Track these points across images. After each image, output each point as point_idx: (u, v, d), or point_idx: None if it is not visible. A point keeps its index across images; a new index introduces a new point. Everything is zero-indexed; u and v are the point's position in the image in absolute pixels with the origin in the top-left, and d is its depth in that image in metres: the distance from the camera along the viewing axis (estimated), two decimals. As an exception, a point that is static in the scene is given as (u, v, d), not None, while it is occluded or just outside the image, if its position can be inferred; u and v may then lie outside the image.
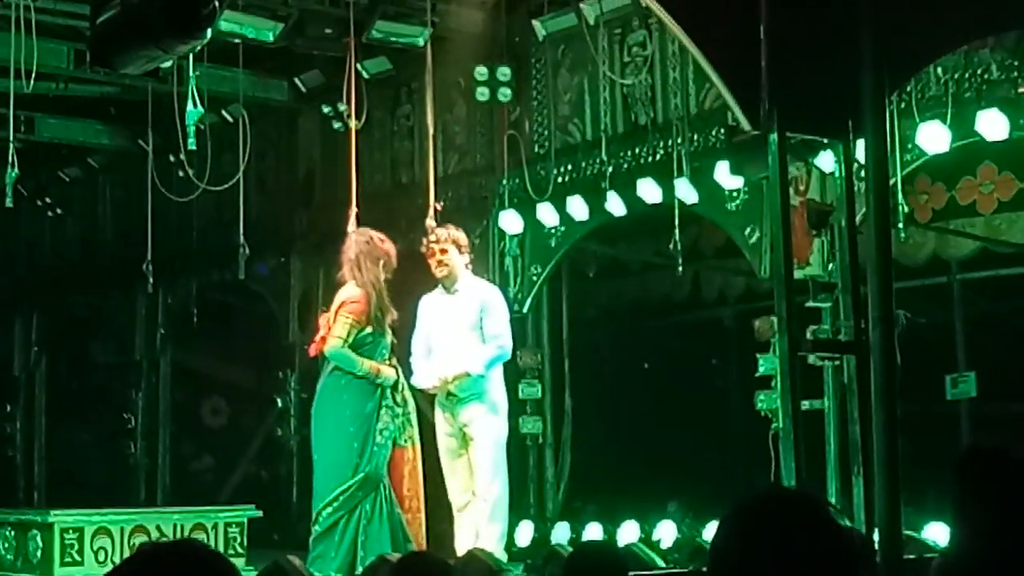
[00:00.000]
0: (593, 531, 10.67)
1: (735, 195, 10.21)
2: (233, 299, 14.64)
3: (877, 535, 6.61)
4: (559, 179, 11.24)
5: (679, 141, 10.49)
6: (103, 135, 14.64)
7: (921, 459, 7.14)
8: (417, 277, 9.18)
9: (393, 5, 11.07)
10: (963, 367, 10.76)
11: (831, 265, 9.70)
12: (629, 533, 10.42)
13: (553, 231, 11.39)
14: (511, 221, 11.46)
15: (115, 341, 16.01)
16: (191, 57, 9.31)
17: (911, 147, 9.41)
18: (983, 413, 10.71)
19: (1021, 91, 9.06)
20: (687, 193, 10.34)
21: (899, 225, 9.11)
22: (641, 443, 12.26)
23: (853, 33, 6.72)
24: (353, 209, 9.74)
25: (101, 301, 15.84)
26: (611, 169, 10.86)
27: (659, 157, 10.69)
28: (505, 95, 11.48)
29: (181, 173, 11.41)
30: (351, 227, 9.42)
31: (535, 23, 11.44)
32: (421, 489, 8.86)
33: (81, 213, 16.13)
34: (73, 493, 14.28)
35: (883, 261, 6.76)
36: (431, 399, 9.09)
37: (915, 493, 7.55)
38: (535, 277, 11.54)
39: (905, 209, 9.49)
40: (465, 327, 8.89)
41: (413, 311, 9.14)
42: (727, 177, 9.97)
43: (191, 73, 9.59)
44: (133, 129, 13.62)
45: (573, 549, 7.71)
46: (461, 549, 8.62)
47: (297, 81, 13.11)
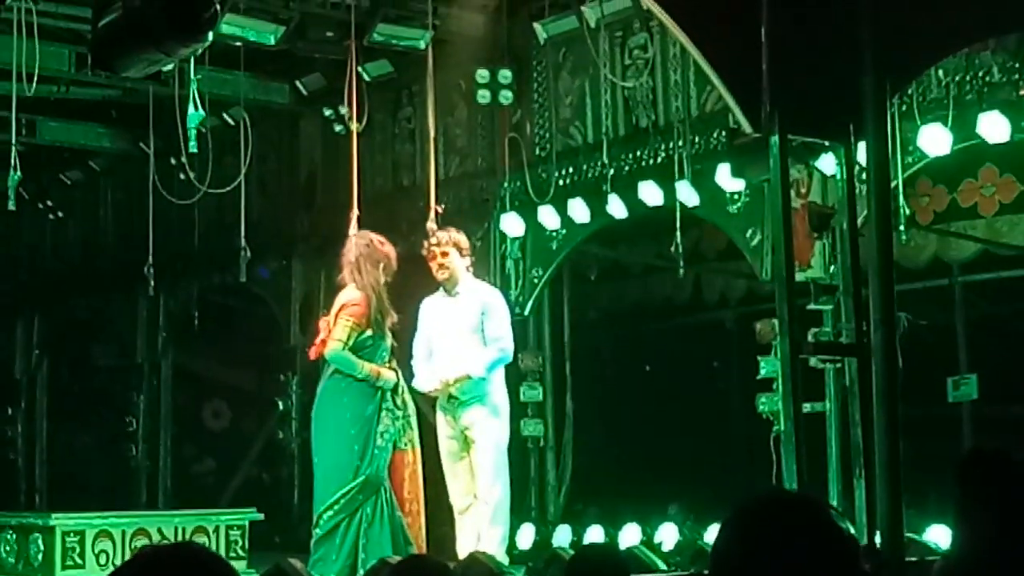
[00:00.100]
0: (594, 534, 10.65)
1: (736, 198, 10.20)
2: (234, 302, 14.63)
3: (879, 537, 6.62)
4: (560, 182, 11.23)
5: (680, 144, 10.48)
6: (104, 138, 14.63)
7: (922, 461, 7.15)
8: (418, 280, 9.18)
9: (394, 8, 11.07)
10: (964, 369, 10.75)
11: (832, 267, 9.69)
12: (630, 536, 10.40)
13: (554, 234, 11.38)
14: (512, 224, 11.45)
15: (116, 344, 16.01)
16: (192, 60, 9.31)
17: (912, 149, 9.40)
18: (984, 415, 10.69)
19: (1022, 93, 9.04)
20: (688, 196, 10.33)
21: (900, 227, 9.09)
22: (642, 446, 12.25)
23: (854, 35, 6.73)
24: (354, 212, 9.72)
25: (102, 304, 15.84)
26: (612, 172, 10.85)
27: (660, 160, 10.68)
28: (506, 98, 11.48)
29: (182, 176, 11.40)
30: (352, 230, 9.42)
31: (536, 26, 11.43)
32: (421, 492, 8.85)
33: (82, 216, 16.14)
34: (74, 496, 14.28)
35: (884, 263, 6.77)
36: (432, 402, 9.07)
37: (917, 495, 7.54)
38: (536, 280, 11.53)
39: (906, 211, 9.48)
40: (466, 330, 8.88)
41: (414, 314, 9.13)
42: (728, 180, 9.95)
43: (192, 76, 9.59)
44: (134, 132, 13.61)
45: (575, 552, 7.73)
46: (462, 552, 8.61)
47: (298, 84, 13.10)
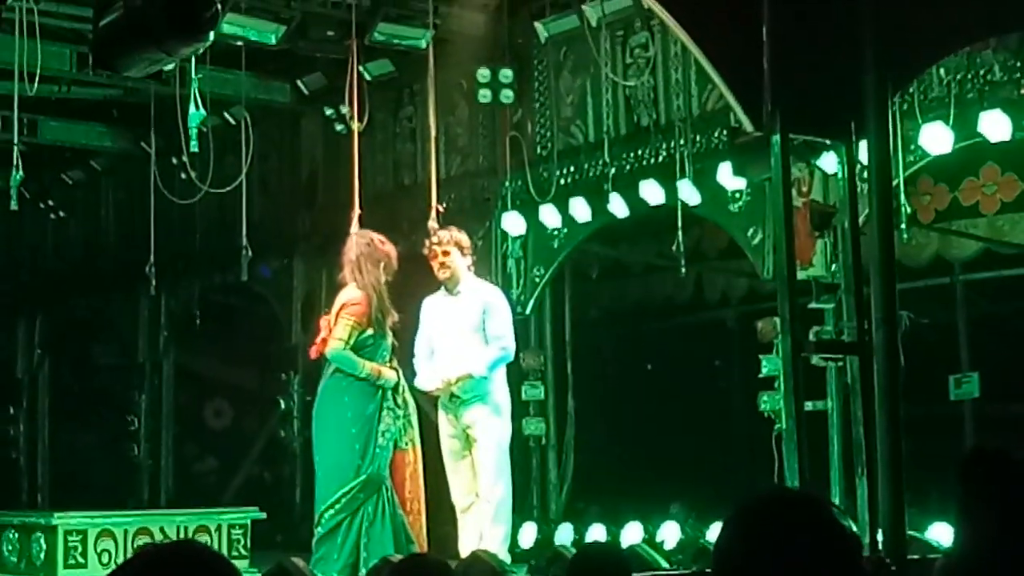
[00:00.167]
0: (597, 532, 10.65)
1: (738, 196, 10.20)
2: (236, 301, 14.63)
3: (881, 535, 6.62)
4: (561, 181, 11.23)
5: (681, 143, 10.48)
6: (106, 138, 14.63)
7: (924, 460, 7.16)
8: (419, 279, 9.17)
9: (395, 7, 11.07)
10: (966, 368, 10.74)
11: (834, 266, 9.69)
12: (633, 534, 10.40)
13: (556, 233, 11.38)
14: (513, 223, 11.45)
15: (118, 343, 16.01)
16: (193, 59, 9.31)
17: (914, 148, 9.40)
18: (986, 414, 10.69)
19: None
20: (690, 195, 10.33)
21: (902, 226, 9.08)
22: (644, 444, 12.25)
23: (855, 34, 6.73)
24: (356, 211, 9.73)
25: (104, 303, 15.84)
26: (613, 171, 10.86)
27: (661, 159, 10.68)
28: (507, 97, 11.48)
29: (184, 175, 11.40)
30: (354, 229, 9.41)
31: (537, 25, 11.43)
32: (422, 491, 8.85)
33: (84, 216, 16.13)
34: (76, 495, 14.28)
35: (886, 262, 6.78)
36: (434, 401, 9.07)
37: (918, 494, 7.55)
38: (538, 279, 11.53)
39: (908, 210, 9.47)
40: (468, 329, 8.88)
41: (415, 313, 9.13)
42: (730, 178, 9.96)
43: (194, 75, 9.59)
44: (136, 131, 13.61)
45: (577, 550, 7.72)
46: (464, 551, 8.61)
47: (299, 83, 13.10)
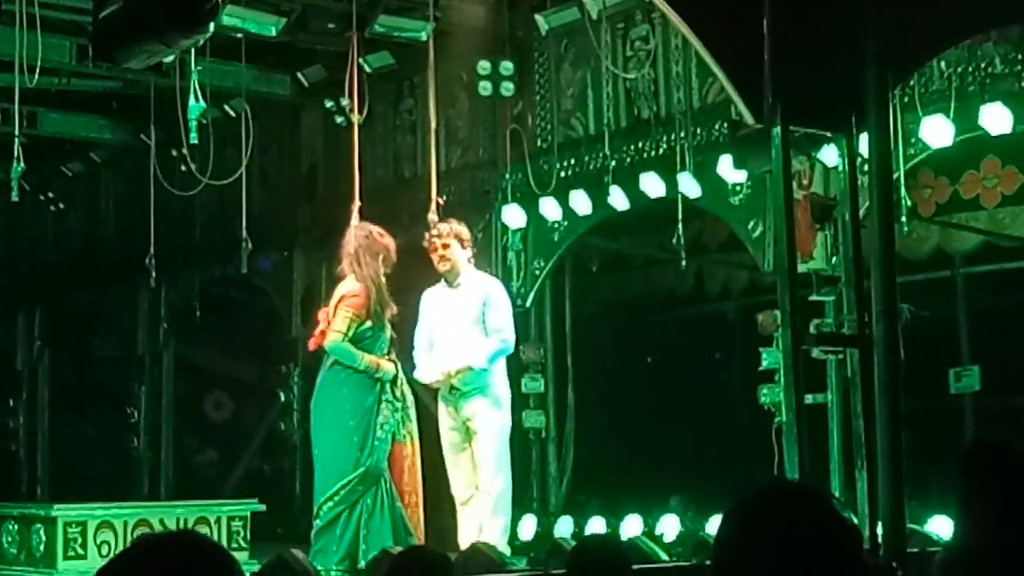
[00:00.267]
0: (596, 525, 10.64)
1: (738, 189, 10.19)
2: (236, 294, 14.62)
3: (881, 528, 6.61)
4: (562, 173, 11.22)
5: (682, 135, 10.47)
6: (105, 130, 14.61)
7: (925, 453, 7.15)
8: (419, 272, 9.17)
9: (395, -1, 11.07)
10: (967, 361, 10.74)
11: (834, 259, 9.68)
12: (632, 527, 10.40)
13: (556, 225, 11.37)
14: (514, 215, 11.44)
15: (117, 336, 16.01)
16: (193, 52, 9.29)
17: (914, 141, 9.39)
18: (986, 407, 10.69)
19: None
20: (690, 187, 10.33)
21: (902, 219, 9.09)
22: (644, 437, 12.25)
23: (856, 27, 6.72)
24: (356, 203, 9.72)
25: (103, 296, 15.83)
26: (614, 163, 10.85)
27: (662, 151, 10.67)
28: (508, 89, 11.47)
29: (183, 168, 11.40)
30: (354, 221, 9.41)
31: (538, 17, 11.42)
32: (420, 484, 8.85)
33: (83, 208, 16.12)
34: (76, 487, 14.29)
35: (886, 255, 6.76)
36: (434, 393, 9.07)
37: (919, 487, 7.54)
38: (538, 271, 11.52)
39: (908, 203, 9.47)
40: (468, 321, 8.88)
41: (415, 305, 9.13)
42: (730, 171, 9.95)
43: (193, 68, 9.58)
44: (135, 124, 13.60)
45: (576, 543, 7.71)
46: (464, 543, 8.62)
47: (300, 76, 13.08)
